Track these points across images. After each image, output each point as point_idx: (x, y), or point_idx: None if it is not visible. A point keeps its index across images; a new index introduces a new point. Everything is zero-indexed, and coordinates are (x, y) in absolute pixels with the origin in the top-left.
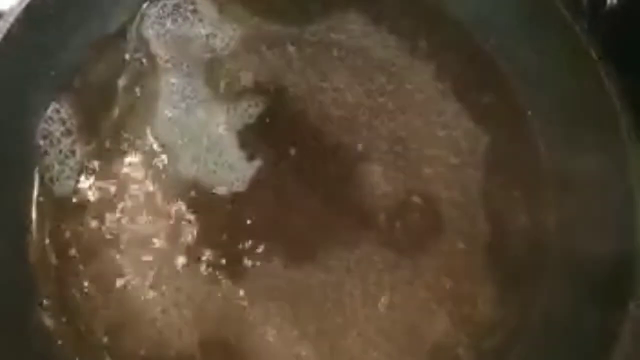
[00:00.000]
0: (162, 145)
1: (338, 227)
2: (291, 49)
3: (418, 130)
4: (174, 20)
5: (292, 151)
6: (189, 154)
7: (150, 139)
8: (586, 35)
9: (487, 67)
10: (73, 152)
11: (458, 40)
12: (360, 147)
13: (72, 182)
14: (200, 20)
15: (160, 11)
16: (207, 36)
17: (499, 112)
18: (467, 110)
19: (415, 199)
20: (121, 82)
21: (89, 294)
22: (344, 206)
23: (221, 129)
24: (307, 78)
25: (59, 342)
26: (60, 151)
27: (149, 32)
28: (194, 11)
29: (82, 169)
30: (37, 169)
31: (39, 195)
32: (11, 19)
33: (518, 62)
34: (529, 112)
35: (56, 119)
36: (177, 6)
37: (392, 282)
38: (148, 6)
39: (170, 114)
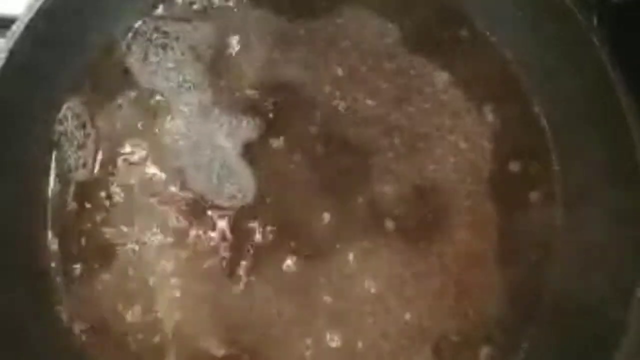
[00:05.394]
0: (172, 149)
1: (348, 221)
2: (294, 45)
3: (425, 120)
4: (156, 53)
5: (300, 147)
6: (196, 160)
7: (160, 141)
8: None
9: (492, 57)
10: (85, 145)
11: (464, 34)
12: (368, 140)
13: (86, 174)
14: (177, 38)
15: (139, 52)
16: (194, 50)
17: (505, 101)
18: (473, 100)
19: (424, 189)
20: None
21: (106, 288)
22: (353, 200)
23: (226, 132)
24: (311, 74)
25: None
26: (75, 144)
27: (144, 77)
28: (165, 34)
29: (95, 162)
30: (53, 162)
31: (55, 187)
32: (26, 20)
33: (523, 53)
34: (535, 100)
35: (70, 115)
36: (148, 40)
37: (402, 273)
38: (129, 51)
39: (177, 120)
